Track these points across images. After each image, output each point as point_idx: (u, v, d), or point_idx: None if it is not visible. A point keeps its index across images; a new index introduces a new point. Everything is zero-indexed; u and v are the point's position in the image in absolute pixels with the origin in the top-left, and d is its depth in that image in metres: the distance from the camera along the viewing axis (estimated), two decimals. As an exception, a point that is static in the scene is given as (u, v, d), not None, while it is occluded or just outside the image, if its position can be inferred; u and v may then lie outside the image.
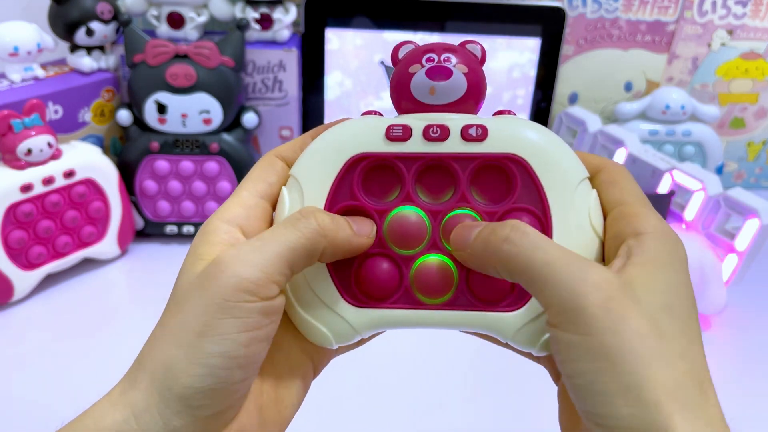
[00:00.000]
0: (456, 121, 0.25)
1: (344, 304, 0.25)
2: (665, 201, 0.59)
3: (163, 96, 0.65)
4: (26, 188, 0.57)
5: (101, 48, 0.69)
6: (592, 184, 0.25)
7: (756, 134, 0.82)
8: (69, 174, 0.60)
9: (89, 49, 0.68)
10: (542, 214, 0.24)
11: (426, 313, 0.25)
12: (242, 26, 0.66)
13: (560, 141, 0.25)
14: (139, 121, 0.67)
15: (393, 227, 0.25)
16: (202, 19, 0.69)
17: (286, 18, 0.69)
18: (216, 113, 0.66)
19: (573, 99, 0.80)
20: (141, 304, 0.61)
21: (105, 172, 0.63)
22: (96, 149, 0.63)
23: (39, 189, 0.58)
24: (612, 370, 0.20)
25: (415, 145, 0.25)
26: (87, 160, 0.61)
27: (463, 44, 0.26)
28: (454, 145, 0.25)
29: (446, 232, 0.25)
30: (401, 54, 0.26)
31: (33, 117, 0.57)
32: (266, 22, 0.69)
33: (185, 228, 0.69)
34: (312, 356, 0.27)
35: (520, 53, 0.72)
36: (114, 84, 0.69)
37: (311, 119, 0.75)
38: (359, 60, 0.73)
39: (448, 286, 0.25)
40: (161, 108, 0.65)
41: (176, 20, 0.69)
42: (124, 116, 0.67)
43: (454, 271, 0.25)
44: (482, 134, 0.25)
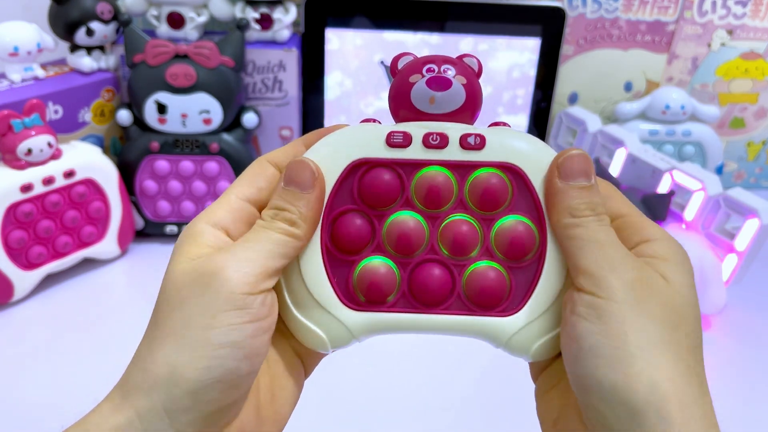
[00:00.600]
0: (455, 130, 0.26)
1: (341, 308, 0.25)
2: (665, 201, 0.59)
3: (163, 96, 0.65)
4: (26, 188, 0.57)
5: (101, 48, 0.69)
6: None
7: (756, 134, 0.83)
8: (69, 174, 0.60)
9: (89, 49, 0.68)
10: (538, 222, 0.25)
11: (423, 318, 0.25)
12: (242, 26, 0.66)
13: (554, 152, 0.26)
14: (139, 121, 0.67)
15: (391, 232, 0.25)
16: (202, 19, 0.69)
17: (286, 18, 0.69)
18: (216, 113, 0.66)
19: (573, 99, 0.80)
20: (141, 304, 0.60)
21: (105, 172, 0.63)
22: (96, 149, 0.63)
23: (39, 189, 0.58)
24: (621, 339, 0.21)
25: (415, 152, 0.25)
26: (87, 160, 0.61)
27: (461, 57, 0.27)
28: (453, 153, 0.25)
29: (444, 238, 0.25)
30: (401, 65, 0.27)
31: (33, 117, 0.57)
32: (266, 22, 0.69)
33: (185, 228, 0.69)
34: (302, 357, 0.27)
35: (520, 53, 0.72)
36: (114, 84, 0.69)
37: (311, 119, 0.75)
38: (359, 60, 0.73)
39: (446, 291, 0.25)
40: (161, 108, 0.65)
41: (176, 20, 0.69)
42: (124, 116, 0.67)
43: (451, 276, 0.25)
44: (480, 143, 0.25)
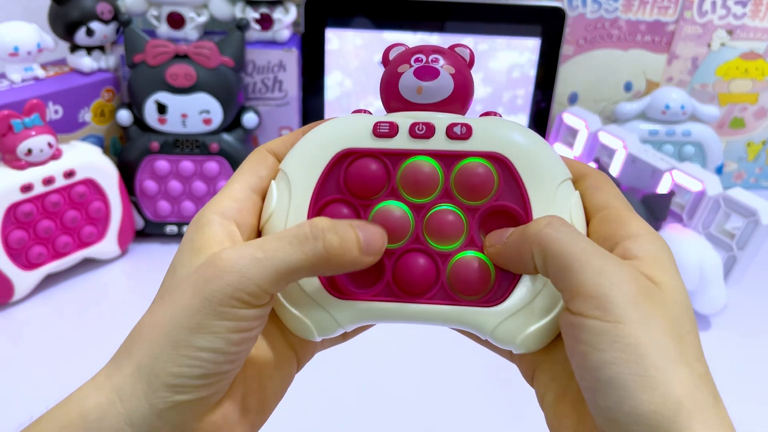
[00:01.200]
0: (441, 120, 0.26)
1: (327, 296, 0.25)
2: (665, 201, 0.59)
3: (163, 96, 0.65)
4: (26, 188, 0.57)
5: (101, 48, 0.69)
6: (576, 188, 0.26)
7: (756, 134, 0.83)
8: (69, 174, 0.60)
9: (89, 49, 0.68)
10: (523, 212, 0.25)
11: (407, 307, 0.25)
12: (242, 26, 0.66)
13: (543, 142, 0.26)
14: (139, 121, 0.67)
15: (377, 222, 0.25)
16: (202, 19, 0.69)
17: (286, 18, 0.69)
18: (216, 113, 0.66)
19: (573, 99, 0.80)
20: (141, 304, 0.60)
21: (105, 172, 0.63)
22: (96, 149, 0.63)
23: (39, 189, 0.58)
24: (640, 363, 0.20)
25: (401, 142, 0.26)
26: (87, 160, 0.61)
27: (453, 47, 0.27)
28: (439, 143, 0.25)
29: (429, 228, 0.25)
30: (392, 55, 0.27)
31: (33, 117, 0.57)
32: (266, 22, 0.69)
33: (185, 228, 0.69)
34: (296, 349, 0.27)
35: (520, 53, 0.72)
36: (114, 84, 0.69)
37: (311, 119, 0.75)
38: (359, 60, 0.73)
39: (430, 280, 0.25)
40: (161, 108, 0.65)
41: (176, 20, 0.69)
42: (124, 116, 0.67)
43: (436, 266, 0.25)
44: (467, 133, 0.25)
